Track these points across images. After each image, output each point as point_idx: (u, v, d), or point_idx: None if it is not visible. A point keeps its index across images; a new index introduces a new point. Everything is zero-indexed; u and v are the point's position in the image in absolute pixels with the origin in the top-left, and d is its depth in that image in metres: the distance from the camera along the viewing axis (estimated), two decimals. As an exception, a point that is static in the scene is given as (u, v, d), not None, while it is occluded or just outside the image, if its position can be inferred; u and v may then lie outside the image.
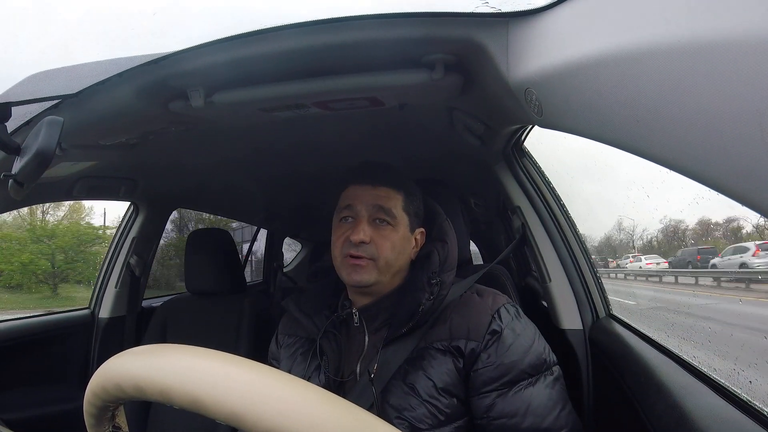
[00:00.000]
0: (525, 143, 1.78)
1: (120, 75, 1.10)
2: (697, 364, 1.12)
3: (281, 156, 2.25)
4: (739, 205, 0.48)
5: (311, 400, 0.48)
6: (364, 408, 0.51)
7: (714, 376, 1.05)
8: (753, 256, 5.16)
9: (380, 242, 1.20)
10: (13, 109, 0.94)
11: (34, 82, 1.17)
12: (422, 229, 1.31)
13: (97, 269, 2.67)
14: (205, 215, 5.10)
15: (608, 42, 0.61)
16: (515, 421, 1.10)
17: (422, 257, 1.27)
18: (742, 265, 5.20)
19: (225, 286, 2.43)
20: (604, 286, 1.73)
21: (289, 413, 0.47)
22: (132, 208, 2.58)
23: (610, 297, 1.73)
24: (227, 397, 0.48)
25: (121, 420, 0.65)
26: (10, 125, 0.95)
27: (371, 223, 1.22)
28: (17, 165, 0.88)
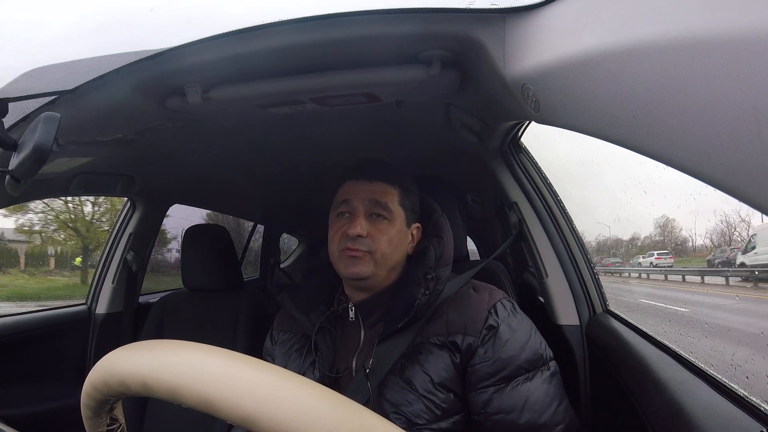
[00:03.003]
0: (522, 139, 1.78)
1: (117, 71, 1.09)
2: (694, 360, 1.12)
3: (278, 152, 2.25)
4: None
5: (326, 404, 0.48)
6: (359, 403, 0.51)
7: (711, 371, 1.05)
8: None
9: (377, 236, 1.21)
10: (10, 105, 0.93)
11: (31, 78, 1.16)
12: (418, 225, 1.31)
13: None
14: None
15: (605, 38, 0.61)
16: (512, 417, 1.10)
17: (418, 253, 1.28)
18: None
19: (222, 282, 2.42)
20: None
21: (304, 417, 0.46)
22: (129, 204, 2.57)
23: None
24: (240, 399, 0.48)
25: (119, 413, 0.65)
26: (7, 121, 0.94)
27: (368, 218, 1.22)
28: (14, 161, 0.88)
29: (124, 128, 1.53)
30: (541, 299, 1.83)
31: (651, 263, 8.26)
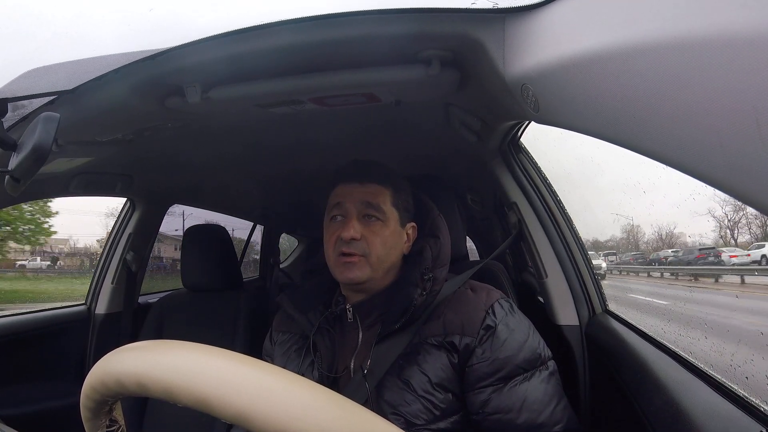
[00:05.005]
0: (521, 139, 1.78)
1: (116, 71, 1.09)
2: (693, 360, 1.12)
3: (278, 152, 2.25)
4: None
5: (320, 402, 0.48)
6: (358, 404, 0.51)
7: (711, 372, 1.05)
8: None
9: (371, 238, 1.21)
10: (10, 104, 0.93)
11: (31, 78, 1.16)
12: (413, 224, 1.31)
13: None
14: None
15: (604, 38, 0.61)
16: (510, 417, 1.10)
17: (415, 253, 1.28)
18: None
19: (221, 282, 2.43)
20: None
21: (298, 414, 0.46)
22: (128, 204, 2.57)
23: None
24: (234, 397, 0.48)
25: (118, 414, 0.65)
26: (7, 121, 0.94)
27: (361, 220, 1.23)
28: (14, 161, 0.88)
29: (123, 128, 1.53)
30: (541, 299, 1.83)
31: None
